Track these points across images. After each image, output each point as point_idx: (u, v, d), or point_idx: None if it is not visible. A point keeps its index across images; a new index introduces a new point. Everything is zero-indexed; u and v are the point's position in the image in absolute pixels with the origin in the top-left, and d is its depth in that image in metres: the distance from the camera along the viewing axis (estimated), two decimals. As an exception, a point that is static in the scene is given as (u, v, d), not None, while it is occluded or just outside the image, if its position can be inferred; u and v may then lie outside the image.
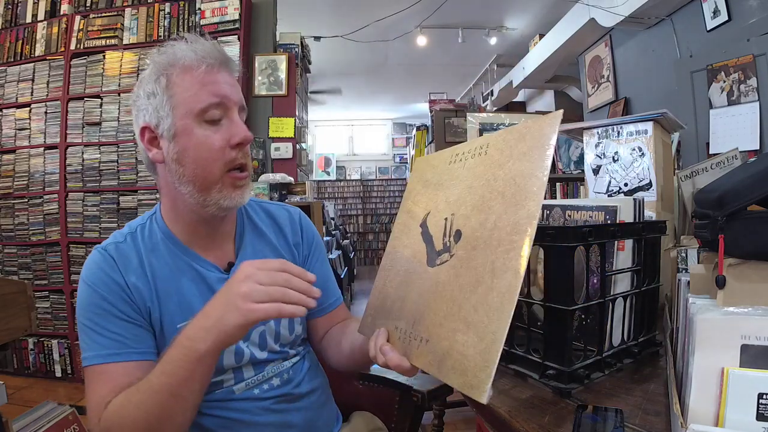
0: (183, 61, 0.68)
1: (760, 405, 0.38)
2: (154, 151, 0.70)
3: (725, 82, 2.39)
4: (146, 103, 0.69)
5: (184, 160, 0.68)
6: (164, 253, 0.74)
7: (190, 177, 0.68)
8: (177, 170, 0.68)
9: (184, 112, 0.67)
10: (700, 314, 0.43)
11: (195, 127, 0.67)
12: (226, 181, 0.69)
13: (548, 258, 0.62)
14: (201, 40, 0.70)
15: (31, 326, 1.23)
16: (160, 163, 0.71)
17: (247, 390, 0.75)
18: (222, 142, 0.68)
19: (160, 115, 0.68)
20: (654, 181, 0.97)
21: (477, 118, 2.65)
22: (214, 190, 0.69)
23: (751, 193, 0.54)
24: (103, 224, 2.71)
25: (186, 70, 0.68)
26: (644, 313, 0.72)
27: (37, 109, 2.82)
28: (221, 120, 0.69)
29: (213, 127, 0.68)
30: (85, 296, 0.68)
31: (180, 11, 2.71)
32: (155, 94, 0.68)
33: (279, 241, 0.84)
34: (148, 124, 0.69)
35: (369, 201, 9.07)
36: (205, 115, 0.67)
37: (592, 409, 0.53)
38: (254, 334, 0.77)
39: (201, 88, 0.67)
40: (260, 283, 0.54)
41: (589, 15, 3.41)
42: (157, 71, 0.69)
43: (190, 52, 0.68)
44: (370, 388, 1.05)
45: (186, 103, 0.67)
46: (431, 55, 5.39)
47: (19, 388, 2.59)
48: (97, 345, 0.65)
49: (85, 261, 0.72)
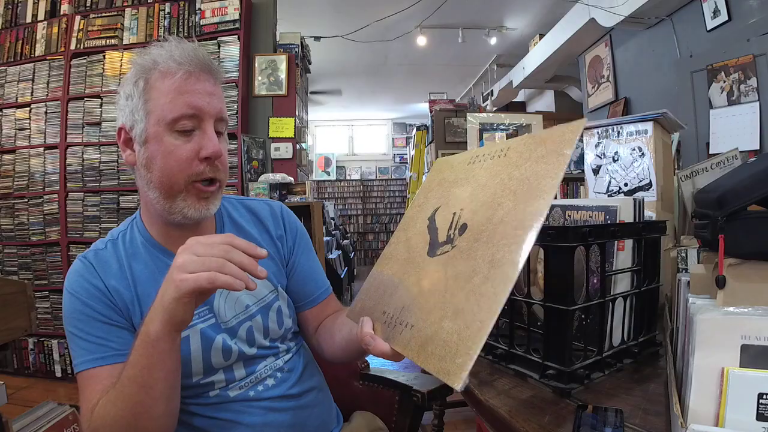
0: (162, 65, 0.67)
1: (760, 405, 0.38)
2: (128, 152, 0.71)
3: (725, 82, 2.39)
4: (124, 104, 0.69)
5: (152, 166, 0.68)
6: (145, 257, 0.74)
7: (156, 183, 0.68)
8: (145, 175, 0.69)
9: (157, 119, 0.66)
10: (700, 314, 0.43)
11: (165, 136, 0.66)
12: (191, 191, 0.69)
13: (548, 258, 0.62)
14: (184, 44, 0.68)
15: (31, 326, 1.23)
16: (132, 165, 0.71)
17: (242, 391, 0.75)
18: (190, 153, 0.67)
19: (134, 119, 0.68)
20: (654, 181, 0.97)
21: (477, 118, 2.65)
22: (178, 198, 0.69)
23: (751, 193, 0.54)
24: (103, 224, 2.71)
25: (164, 76, 0.66)
26: (644, 313, 0.72)
27: (37, 109, 2.82)
28: (194, 131, 0.68)
29: (184, 137, 0.67)
30: (68, 304, 0.68)
31: (180, 11, 2.71)
32: (132, 97, 0.68)
33: (261, 235, 0.84)
34: (123, 125, 0.70)
35: (369, 201, 9.07)
36: (176, 124, 0.66)
37: (592, 409, 0.53)
38: (241, 329, 0.76)
39: (176, 96, 0.66)
40: (196, 255, 0.53)
41: (589, 15, 3.42)
42: (136, 73, 0.68)
43: (170, 57, 0.67)
44: (370, 388, 1.05)
45: (159, 110, 0.66)
46: (431, 55, 5.40)
47: (19, 388, 2.59)
48: (84, 351, 0.66)
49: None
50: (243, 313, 0.77)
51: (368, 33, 4.47)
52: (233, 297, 0.77)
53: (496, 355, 0.72)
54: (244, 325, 0.77)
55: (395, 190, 9.10)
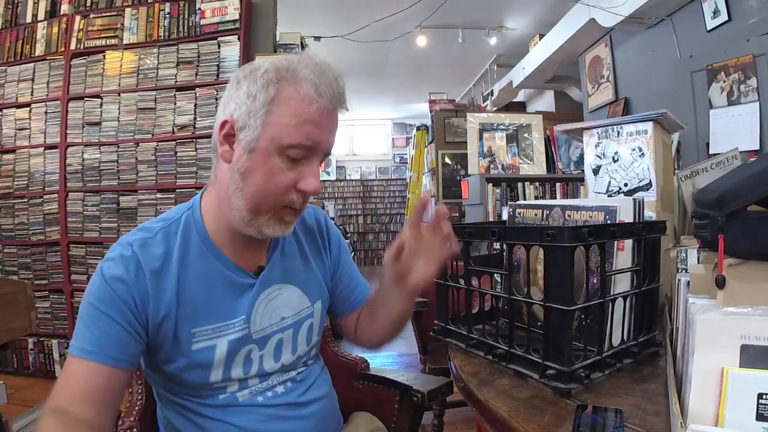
0: (303, 88, 0.63)
1: (760, 405, 0.38)
2: (225, 147, 0.66)
3: (725, 82, 2.39)
4: (242, 99, 0.64)
5: (249, 178, 0.65)
6: (196, 256, 0.71)
7: (247, 196, 0.65)
8: (238, 182, 0.65)
9: (272, 137, 0.63)
10: (700, 314, 0.43)
11: (274, 156, 0.64)
12: (277, 214, 0.68)
13: (548, 258, 0.62)
14: (328, 73, 0.65)
15: (31, 326, 1.23)
16: (226, 161, 0.67)
17: (251, 397, 0.74)
18: (290, 182, 0.65)
19: (248, 122, 0.64)
20: (654, 181, 0.98)
21: (477, 118, 2.65)
22: (262, 217, 0.67)
23: (751, 193, 0.54)
24: (103, 224, 2.71)
25: (300, 98, 0.63)
26: (644, 313, 0.72)
27: (37, 109, 2.82)
28: (300, 160, 0.65)
29: (289, 164, 0.65)
30: (96, 288, 0.66)
31: (180, 11, 2.71)
32: (256, 99, 0.63)
33: (309, 245, 0.85)
34: (233, 120, 0.65)
35: (369, 201, 9.07)
36: (289, 150, 0.64)
37: (592, 409, 0.53)
38: (270, 342, 0.75)
39: (302, 124, 0.63)
40: None
41: (589, 15, 3.41)
42: (270, 77, 0.64)
43: (311, 83, 0.63)
44: (370, 388, 1.05)
45: (279, 129, 0.63)
46: (431, 55, 5.39)
47: (19, 388, 2.59)
48: (82, 337, 0.64)
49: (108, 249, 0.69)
50: (277, 325, 0.77)
51: (368, 33, 4.47)
52: (271, 307, 0.76)
53: (496, 355, 0.72)
54: (275, 336, 0.76)
55: (395, 190, 9.09)
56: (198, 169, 2.62)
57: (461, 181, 3.09)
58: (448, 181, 4.18)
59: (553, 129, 2.63)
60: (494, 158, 2.57)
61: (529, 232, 0.66)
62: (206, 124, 2.62)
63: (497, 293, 0.77)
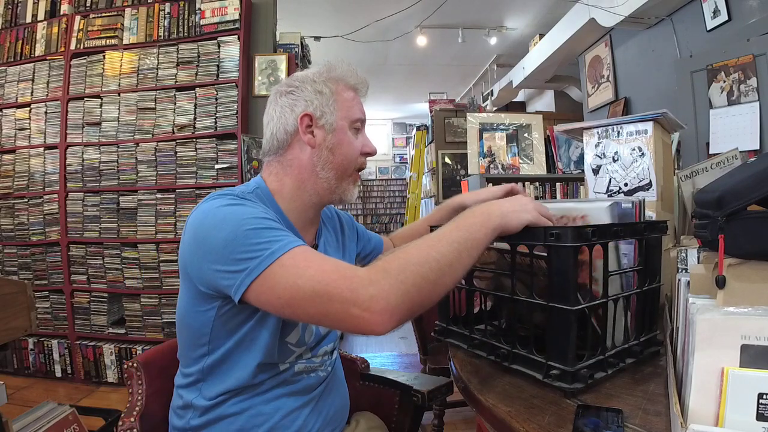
0: (347, 81, 0.86)
1: (760, 405, 0.38)
2: (309, 136, 0.82)
3: (725, 82, 2.39)
4: (312, 96, 0.82)
5: (336, 150, 0.82)
6: None
7: (336, 165, 0.82)
8: (327, 157, 0.82)
9: (343, 116, 0.83)
10: (700, 314, 0.43)
11: (347, 130, 0.84)
12: (353, 176, 0.86)
13: (551, 258, 0.62)
14: (353, 69, 0.88)
15: (31, 326, 1.23)
16: (311, 147, 0.82)
17: (304, 374, 0.82)
18: (359, 147, 0.85)
19: (324, 111, 0.82)
20: (654, 181, 0.98)
21: (477, 118, 2.65)
22: (345, 181, 0.84)
23: (751, 193, 0.54)
24: (103, 224, 2.71)
25: (348, 88, 0.86)
26: (645, 313, 0.72)
27: (37, 109, 2.82)
28: (359, 131, 0.87)
29: (355, 134, 0.86)
30: (250, 213, 0.68)
31: (180, 11, 2.71)
32: (324, 94, 0.82)
33: (337, 233, 1.00)
34: (311, 113, 0.81)
35: (369, 201, 9.07)
36: (354, 123, 0.85)
37: (592, 409, 0.53)
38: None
39: (355, 105, 0.86)
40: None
41: (589, 15, 3.42)
42: (326, 78, 0.84)
43: (350, 75, 0.86)
44: (370, 388, 1.05)
45: (346, 110, 0.84)
46: (431, 55, 5.40)
47: (19, 388, 2.59)
48: (285, 234, 0.66)
49: (205, 199, 0.73)
50: None
51: (368, 33, 4.47)
52: None
53: (498, 355, 0.72)
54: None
55: (395, 190, 9.09)
56: (198, 169, 2.61)
57: (461, 181, 3.09)
58: (448, 181, 4.18)
59: (553, 129, 2.63)
60: (494, 158, 2.57)
61: (532, 231, 0.66)
62: (206, 124, 2.62)
63: (500, 294, 0.77)
